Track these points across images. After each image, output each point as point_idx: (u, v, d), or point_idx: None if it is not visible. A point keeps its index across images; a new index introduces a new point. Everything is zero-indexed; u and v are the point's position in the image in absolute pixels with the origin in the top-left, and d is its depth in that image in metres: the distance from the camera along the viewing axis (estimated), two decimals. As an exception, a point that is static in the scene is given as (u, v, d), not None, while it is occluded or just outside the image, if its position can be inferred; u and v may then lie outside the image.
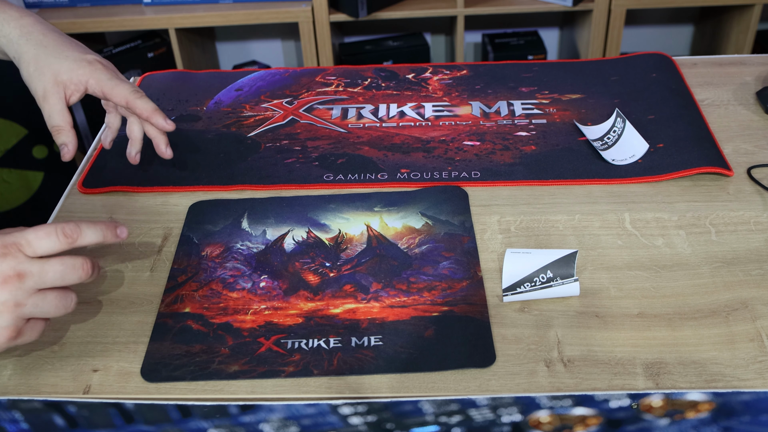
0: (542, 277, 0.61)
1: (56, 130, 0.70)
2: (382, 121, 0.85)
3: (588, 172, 0.75)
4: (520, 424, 0.52)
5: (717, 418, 0.52)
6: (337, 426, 0.52)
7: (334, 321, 0.60)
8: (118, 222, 0.56)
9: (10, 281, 0.50)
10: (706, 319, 0.59)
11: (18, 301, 0.50)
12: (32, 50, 0.70)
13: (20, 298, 0.50)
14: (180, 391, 0.55)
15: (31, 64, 0.70)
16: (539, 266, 0.61)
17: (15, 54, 0.71)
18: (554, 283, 0.61)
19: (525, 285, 0.61)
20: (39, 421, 0.54)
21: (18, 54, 0.71)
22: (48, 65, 0.70)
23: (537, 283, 0.61)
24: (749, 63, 0.94)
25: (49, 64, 0.70)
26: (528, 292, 0.61)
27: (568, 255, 0.61)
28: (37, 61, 0.70)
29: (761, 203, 0.71)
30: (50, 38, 0.72)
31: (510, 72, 0.93)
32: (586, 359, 0.56)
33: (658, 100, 0.85)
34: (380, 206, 0.72)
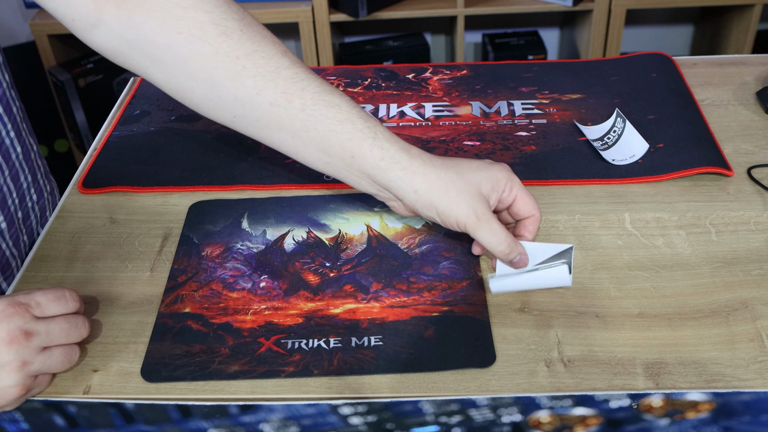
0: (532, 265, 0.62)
1: (508, 247, 0.60)
2: (382, 121, 0.85)
3: (588, 172, 0.75)
4: (520, 424, 0.52)
5: (717, 418, 0.52)
6: (337, 426, 0.52)
7: (334, 321, 0.60)
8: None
9: (18, 340, 0.51)
10: (707, 319, 0.59)
11: (25, 360, 0.52)
12: (443, 176, 0.60)
13: (27, 356, 0.52)
14: (180, 391, 0.55)
15: (450, 189, 0.60)
16: (535, 263, 0.62)
17: (417, 187, 0.60)
18: (540, 266, 0.61)
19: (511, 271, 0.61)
20: (39, 421, 0.54)
21: (425, 186, 0.60)
22: (467, 182, 0.60)
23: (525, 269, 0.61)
24: (749, 63, 0.94)
25: (468, 181, 0.60)
26: (515, 276, 0.61)
27: (564, 250, 0.61)
28: (455, 185, 0.60)
29: (761, 203, 0.71)
30: (448, 160, 0.62)
31: (510, 72, 0.93)
32: (586, 359, 0.56)
33: (658, 100, 0.85)
34: (380, 206, 0.72)
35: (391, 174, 0.60)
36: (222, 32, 0.59)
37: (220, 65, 0.59)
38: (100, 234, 0.70)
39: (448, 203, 0.60)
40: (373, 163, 0.60)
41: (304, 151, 0.62)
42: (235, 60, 0.59)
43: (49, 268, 0.67)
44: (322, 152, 0.62)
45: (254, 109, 0.61)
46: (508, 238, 0.60)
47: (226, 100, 0.61)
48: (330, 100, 0.61)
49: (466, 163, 0.62)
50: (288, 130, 0.61)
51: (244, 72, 0.59)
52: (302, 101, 0.60)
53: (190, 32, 0.59)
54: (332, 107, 0.60)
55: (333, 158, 0.62)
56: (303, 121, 0.60)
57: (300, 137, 0.61)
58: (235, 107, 0.61)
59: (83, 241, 0.69)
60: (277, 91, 0.60)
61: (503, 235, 0.60)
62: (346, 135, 0.60)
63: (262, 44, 0.60)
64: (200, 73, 0.60)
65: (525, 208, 0.63)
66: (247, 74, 0.60)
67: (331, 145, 0.61)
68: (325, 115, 0.60)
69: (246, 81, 0.60)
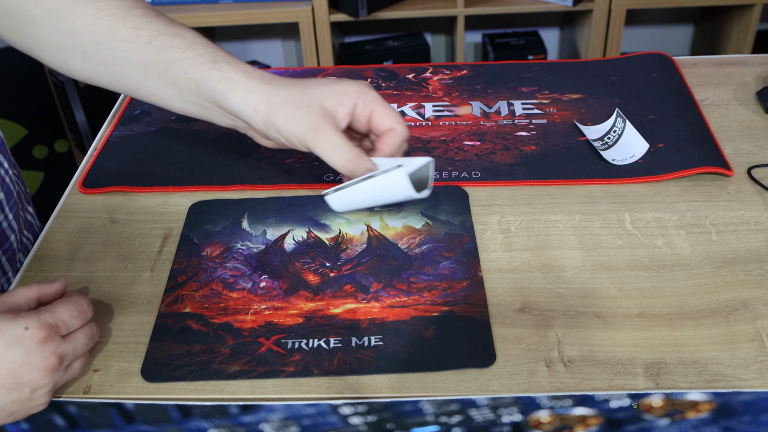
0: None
1: (350, 163, 0.59)
2: (382, 121, 0.85)
3: (588, 172, 0.75)
4: (520, 424, 0.52)
5: (717, 418, 0.52)
6: (338, 426, 0.52)
7: (335, 321, 0.60)
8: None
9: (53, 367, 0.52)
10: (707, 319, 0.59)
11: (57, 382, 0.53)
12: (282, 92, 0.61)
13: (59, 379, 0.53)
14: (180, 391, 0.55)
15: (288, 104, 0.60)
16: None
17: (257, 106, 0.61)
18: (376, 172, 0.58)
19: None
20: (39, 421, 0.54)
21: (264, 104, 0.61)
22: (308, 97, 0.60)
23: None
24: (749, 63, 0.94)
25: (309, 96, 0.60)
26: (350, 186, 0.58)
27: (422, 165, 0.58)
28: (294, 100, 0.60)
29: (761, 203, 0.71)
30: (293, 79, 0.63)
31: (510, 72, 0.93)
32: (586, 359, 0.56)
33: (658, 100, 0.85)
34: (380, 207, 0.71)
35: (231, 97, 0.61)
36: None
37: (79, 11, 0.63)
38: (100, 234, 0.70)
39: (285, 119, 0.60)
40: (214, 86, 0.62)
41: (159, 90, 0.65)
42: (92, 3, 0.64)
43: (49, 268, 0.67)
44: (173, 86, 0.64)
45: (111, 50, 0.64)
46: (351, 152, 0.59)
47: (86, 46, 0.65)
48: (175, 31, 0.64)
49: (312, 81, 0.62)
50: (140, 67, 0.64)
51: (99, 14, 0.63)
52: (149, 34, 0.63)
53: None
54: (176, 36, 0.63)
55: (183, 91, 0.64)
56: (151, 54, 0.63)
57: (152, 73, 0.64)
58: (95, 53, 0.65)
59: (83, 241, 0.69)
60: (128, 27, 0.63)
61: (345, 149, 0.59)
62: (188, 61, 0.62)
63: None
64: (63, 24, 0.64)
65: (383, 122, 0.62)
66: (102, 15, 0.63)
67: (178, 75, 0.63)
68: (169, 44, 0.63)
69: (101, 22, 0.63)
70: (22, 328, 0.50)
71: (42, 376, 0.51)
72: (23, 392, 0.50)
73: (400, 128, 0.62)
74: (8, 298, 0.54)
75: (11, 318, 0.51)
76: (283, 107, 0.60)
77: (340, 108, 0.61)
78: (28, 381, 0.50)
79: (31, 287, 0.56)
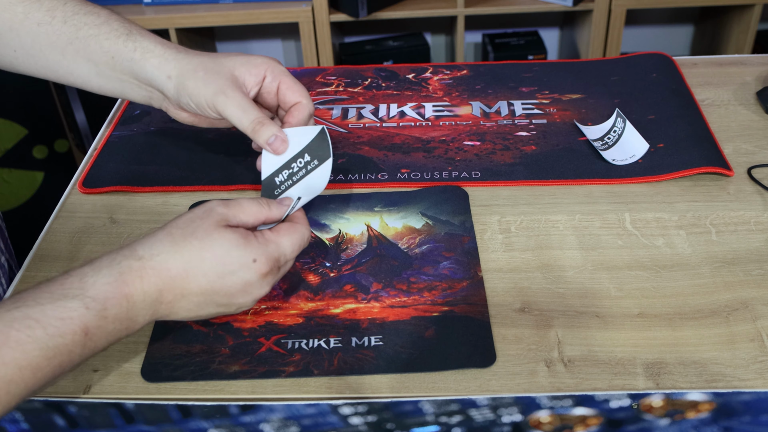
0: (300, 162, 0.62)
1: (258, 122, 0.61)
2: (382, 121, 0.85)
3: (588, 172, 0.75)
4: (520, 424, 0.52)
5: (717, 418, 0.52)
6: (338, 426, 0.52)
7: (335, 321, 0.60)
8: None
9: (263, 295, 0.56)
10: (707, 319, 0.59)
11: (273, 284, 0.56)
12: (194, 60, 0.63)
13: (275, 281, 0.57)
14: (180, 391, 0.55)
15: (199, 70, 0.62)
16: (297, 150, 0.62)
17: (170, 72, 0.63)
18: (311, 165, 0.62)
19: (282, 174, 0.62)
20: (39, 421, 0.54)
21: (177, 70, 0.63)
22: (219, 64, 0.63)
23: (295, 169, 0.62)
24: (749, 63, 0.94)
25: (220, 63, 0.63)
26: (287, 190, 0.62)
27: (317, 133, 0.62)
28: (205, 66, 0.62)
29: (761, 203, 0.71)
30: (195, 50, 0.65)
31: (510, 72, 0.93)
32: (586, 359, 0.56)
33: (658, 100, 0.85)
34: (380, 206, 0.72)
35: (146, 64, 0.64)
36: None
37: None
38: (100, 234, 0.70)
39: (196, 84, 0.62)
40: (130, 56, 0.64)
41: (76, 67, 0.66)
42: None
43: (49, 268, 0.67)
44: (90, 62, 0.66)
45: (28, 34, 0.66)
46: (259, 115, 0.61)
47: (4, 33, 0.66)
48: (90, 9, 0.66)
49: (225, 53, 0.65)
50: (58, 48, 0.66)
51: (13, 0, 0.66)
52: (64, 14, 0.65)
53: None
54: (91, 14, 0.66)
55: (99, 66, 0.66)
56: (67, 34, 0.65)
57: (68, 52, 0.66)
58: (13, 39, 0.67)
59: (83, 241, 0.69)
60: (42, 9, 0.65)
61: (253, 112, 0.61)
62: (104, 36, 0.65)
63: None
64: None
65: (289, 94, 0.64)
66: (16, 1, 0.66)
67: (94, 50, 0.65)
68: (84, 22, 0.65)
69: (16, 8, 0.66)
70: (251, 259, 0.53)
71: (252, 301, 0.55)
72: (230, 308, 0.55)
73: (306, 101, 0.65)
74: (240, 215, 0.56)
75: (244, 245, 0.53)
76: (195, 72, 0.62)
77: (249, 77, 0.64)
78: (240, 303, 0.54)
79: (261, 208, 0.57)
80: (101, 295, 0.48)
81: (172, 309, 0.52)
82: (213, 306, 0.54)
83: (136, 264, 0.50)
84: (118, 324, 0.49)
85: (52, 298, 0.47)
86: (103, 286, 0.48)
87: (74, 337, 0.46)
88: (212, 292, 0.53)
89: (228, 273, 0.52)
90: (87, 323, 0.47)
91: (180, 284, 0.51)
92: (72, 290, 0.47)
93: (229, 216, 0.55)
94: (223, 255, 0.52)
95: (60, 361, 0.46)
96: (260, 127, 0.61)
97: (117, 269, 0.49)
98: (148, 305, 0.50)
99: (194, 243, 0.52)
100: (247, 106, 0.61)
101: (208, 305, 0.53)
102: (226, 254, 0.52)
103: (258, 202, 0.57)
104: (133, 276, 0.50)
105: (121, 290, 0.49)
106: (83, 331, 0.47)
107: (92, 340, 0.47)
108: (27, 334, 0.45)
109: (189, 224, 0.53)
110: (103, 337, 0.48)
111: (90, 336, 0.47)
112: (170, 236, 0.52)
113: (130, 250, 0.51)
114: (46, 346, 0.45)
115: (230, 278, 0.53)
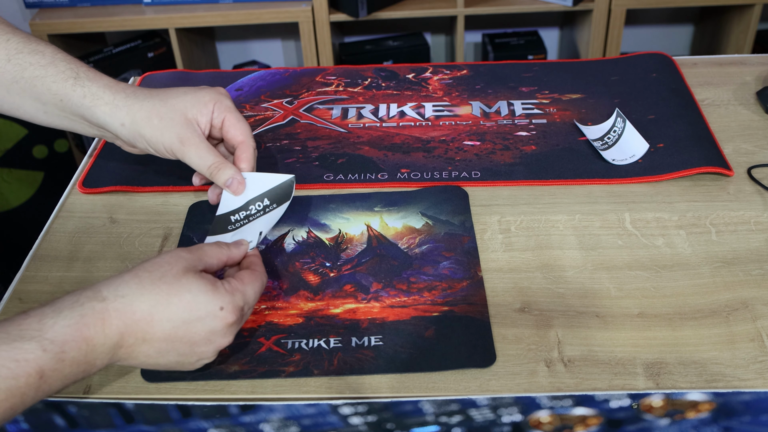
0: (258, 204, 0.64)
1: (215, 168, 0.63)
2: (382, 121, 0.85)
3: (588, 172, 0.75)
4: (520, 424, 0.52)
5: (717, 418, 0.52)
6: (338, 426, 0.52)
7: (335, 321, 0.60)
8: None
9: (225, 345, 0.54)
10: (707, 319, 0.59)
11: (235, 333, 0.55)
12: (146, 105, 0.63)
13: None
14: (180, 391, 0.55)
15: (153, 117, 0.63)
16: (257, 193, 0.64)
17: (123, 120, 0.63)
18: (269, 209, 0.64)
19: (239, 213, 0.63)
20: (39, 421, 0.54)
21: (130, 118, 0.63)
22: (171, 108, 0.63)
23: (252, 210, 0.64)
24: (749, 63, 0.94)
25: (172, 107, 0.63)
26: (240, 228, 0.63)
27: (285, 182, 0.64)
28: (158, 112, 0.63)
29: (761, 203, 0.71)
30: (155, 90, 0.66)
31: (510, 72, 0.93)
32: (586, 359, 0.56)
33: (658, 100, 0.85)
34: (380, 206, 0.72)
35: (97, 111, 0.63)
36: None
37: None
38: (100, 234, 0.70)
39: (152, 132, 0.63)
40: (79, 102, 0.64)
41: (22, 104, 0.66)
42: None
43: (49, 268, 0.67)
44: (37, 101, 0.65)
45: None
46: (217, 159, 0.63)
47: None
48: (34, 48, 0.65)
49: (174, 90, 0.65)
50: (2, 85, 0.64)
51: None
52: (7, 52, 0.64)
53: None
54: (36, 54, 0.64)
55: (47, 105, 0.65)
56: (11, 72, 0.64)
57: (13, 90, 0.65)
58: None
59: (83, 241, 0.69)
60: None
61: (210, 157, 0.63)
62: (50, 78, 0.64)
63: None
64: None
65: (233, 132, 0.65)
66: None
67: (41, 92, 0.64)
68: (29, 62, 0.64)
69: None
70: (218, 306, 0.52)
71: (213, 352, 0.53)
72: (190, 358, 0.53)
73: (248, 140, 0.66)
74: (204, 257, 0.55)
75: (212, 292, 0.52)
76: (149, 121, 0.63)
77: (201, 117, 0.64)
78: (201, 352, 0.53)
79: (222, 250, 0.57)
80: (60, 338, 0.46)
81: (131, 353, 0.50)
82: (174, 354, 0.52)
83: (98, 306, 0.48)
84: (75, 367, 0.47)
85: (8, 339, 0.45)
86: (62, 328, 0.46)
87: (28, 380, 0.44)
88: (175, 339, 0.51)
89: (194, 319, 0.51)
90: (42, 366, 0.45)
91: (143, 328, 0.50)
92: (29, 331, 0.45)
93: (195, 261, 0.54)
94: (190, 301, 0.51)
95: (12, 403, 0.44)
96: (217, 172, 0.63)
97: (78, 311, 0.48)
98: (107, 349, 0.49)
99: (162, 287, 0.51)
100: (204, 152, 0.63)
101: (169, 353, 0.52)
102: (193, 300, 0.51)
103: (217, 245, 0.57)
104: (95, 318, 0.48)
105: (81, 333, 0.47)
106: (38, 373, 0.45)
107: (47, 383, 0.45)
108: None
109: (157, 268, 0.52)
110: (58, 380, 0.46)
111: (45, 379, 0.45)
112: (137, 278, 0.51)
113: (93, 291, 0.50)
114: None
115: (196, 325, 0.51)
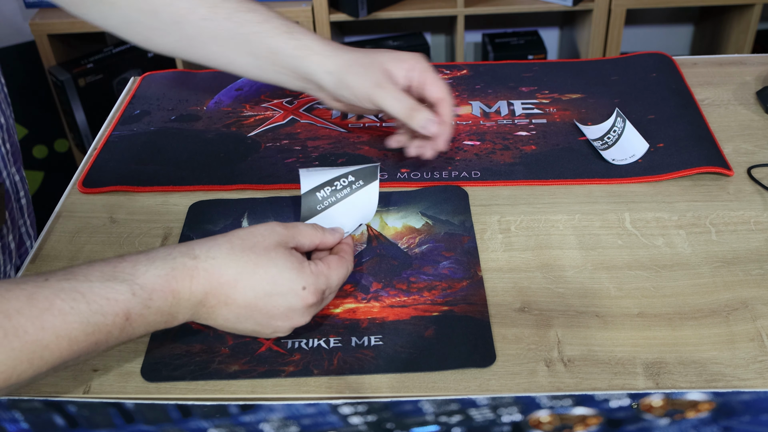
0: (343, 181, 0.66)
1: (412, 109, 0.67)
2: (382, 121, 0.85)
3: (588, 171, 0.75)
4: (520, 424, 0.52)
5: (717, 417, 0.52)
6: (338, 426, 0.52)
7: (334, 321, 0.60)
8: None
9: (302, 324, 0.56)
10: (707, 318, 0.59)
11: (314, 315, 0.57)
12: (351, 56, 0.69)
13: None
14: (180, 391, 0.55)
15: (355, 65, 0.68)
16: (340, 172, 0.66)
17: (330, 68, 0.69)
18: (355, 185, 0.66)
19: (325, 189, 0.66)
20: (39, 421, 0.54)
21: (336, 66, 0.69)
22: (372, 60, 0.69)
23: (338, 186, 0.66)
24: (749, 63, 0.94)
25: (373, 59, 0.69)
26: (325, 210, 0.65)
27: (370, 165, 0.66)
28: (360, 62, 0.69)
29: (761, 203, 0.71)
30: (356, 48, 0.71)
31: (510, 72, 0.93)
32: (586, 359, 0.56)
33: (658, 100, 0.85)
34: (380, 206, 0.72)
35: (307, 61, 0.69)
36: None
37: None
38: (100, 234, 0.70)
39: (354, 78, 0.68)
40: (291, 53, 0.69)
41: (237, 59, 0.72)
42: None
43: (49, 267, 0.67)
44: (251, 56, 0.71)
45: (192, 27, 0.70)
46: (411, 102, 0.67)
47: (168, 25, 0.71)
48: (249, 6, 0.71)
49: (375, 49, 0.71)
50: (220, 41, 0.71)
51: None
52: (227, 11, 0.70)
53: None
54: (252, 12, 0.70)
55: (261, 60, 0.71)
56: (230, 29, 0.70)
57: (230, 46, 0.71)
58: (175, 30, 0.71)
59: (83, 241, 0.69)
60: (206, 6, 0.70)
61: (406, 100, 0.68)
62: (266, 33, 0.70)
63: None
64: (145, 5, 0.70)
65: (433, 89, 0.69)
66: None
67: (256, 46, 0.70)
68: (246, 19, 0.70)
69: (181, 3, 0.70)
70: (301, 285, 0.54)
71: (289, 328, 0.55)
72: (266, 329, 0.55)
73: (448, 98, 0.70)
74: (298, 236, 0.57)
75: (298, 270, 0.54)
76: (353, 68, 0.68)
77: (398, 71, 0.69)
78: (277, 326, 0.55)
79: (316, 233, 0.59)
80: (149, 285, 0.49)
81: (211, 314, 0.53)
82: (251, 322, 0.54)
83: (190, 262, 0.51)
84: (159, 316, 0.50)
85: (103, 278, 0.48)
86: (153, 277, 0.49)
87: (115, 319, 0.47)
88: (255, 308, 0.53)
89: (276, 293, 0.53)
90: (130, 309, 0.48)
91: (226, 292, 0.52)
92: (123, 274, 0.48)
93: (288, 237, 0.56)
94: (275, 275, 0.53)
95: (97, 339, 0.47)
96: (414, 113, 0.67)
97: (170, 264, 0.50)
98: (191, 305, 0.51)
99: (251, 256, 0.53)
100: (401, 96, 0.68)
101: (247, 320, 0.54)
102: (278, 274, 0.53)
103: (314, 227, 0.59)
104: (185, 273, 0.51)
105: (169, 285, 0.50)
106: (125, 315, 0.48)
107: (131, 326, 0.48)
108: (71, 306, 0.46)
109: (250, 237, 0.54)
110: (142, 325, 0.49)
111: (130, 321, 0.48)
112: (229, 243, 0.53)
113: (187, 247, 0.52)
114: (87, 321, 0.46)
115: (277, 299, 0.53)
